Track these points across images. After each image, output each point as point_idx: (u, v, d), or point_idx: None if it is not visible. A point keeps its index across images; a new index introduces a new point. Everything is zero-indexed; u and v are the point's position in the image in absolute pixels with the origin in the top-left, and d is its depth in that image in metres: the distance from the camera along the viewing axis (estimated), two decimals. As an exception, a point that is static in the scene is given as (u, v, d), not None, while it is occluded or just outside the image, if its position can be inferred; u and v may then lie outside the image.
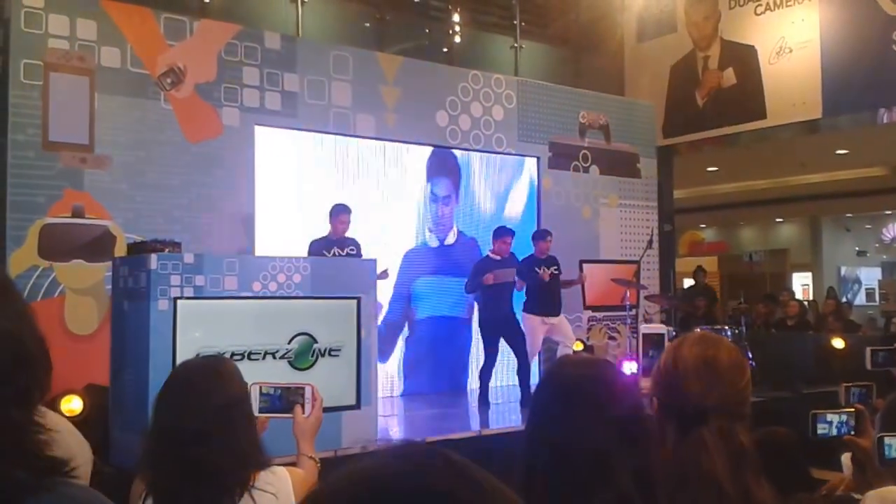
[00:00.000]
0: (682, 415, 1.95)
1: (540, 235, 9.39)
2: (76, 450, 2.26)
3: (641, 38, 13.01)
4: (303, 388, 2.72)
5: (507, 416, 8.52)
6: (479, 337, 9.33)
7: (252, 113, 8.80)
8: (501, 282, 8.85)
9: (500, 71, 11.27)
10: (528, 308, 9.35)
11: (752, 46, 11.81)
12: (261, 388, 2.65)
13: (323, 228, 8.24)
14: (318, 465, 2.67)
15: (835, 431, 2.90)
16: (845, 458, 2.99)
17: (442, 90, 10.26)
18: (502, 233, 9.11)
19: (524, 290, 9.28)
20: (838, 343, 10.32)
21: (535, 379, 9.59)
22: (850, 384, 3.58)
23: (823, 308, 12.88)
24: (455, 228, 10.47)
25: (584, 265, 11.21)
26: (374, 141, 9.74)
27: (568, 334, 9.52)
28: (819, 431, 2.91)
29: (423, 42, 11.70)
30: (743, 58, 11.90)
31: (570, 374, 1.86)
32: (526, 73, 11.91)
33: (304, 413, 2.69)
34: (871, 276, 22.31)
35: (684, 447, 1.92)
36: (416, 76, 10.07)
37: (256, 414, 2.54)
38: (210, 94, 8.57)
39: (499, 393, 9.42)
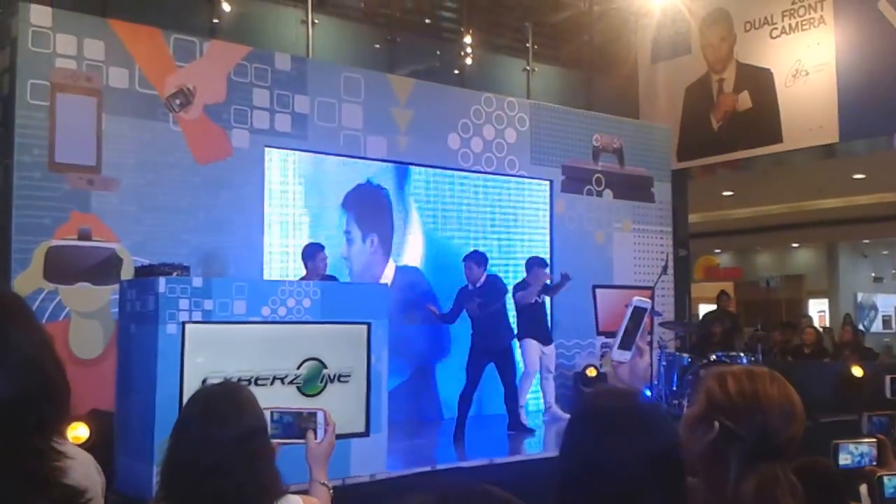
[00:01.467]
0: (756, 448, 1.88)
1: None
2: (91, 479, 2.19)
3: (656, 59, 12.93)
4: (315, 414, 2.66)
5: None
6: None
7: (262, 135, 8.71)
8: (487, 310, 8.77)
9: (511, 94, 11.17)
10: (527, 334, 9.31)
11: (768, 69, 11.73)
12: (272, 413, 2.58)
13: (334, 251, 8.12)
14: (332, 491, 2.64)
15: (856, 462, 2.85)
16: (863, 489, 2.92)
17: (454, 113, 10.17)
18: (476, 259, 9.00)
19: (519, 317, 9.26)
20: (857, 371, 10.14)
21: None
22: (872, 413, 3.47)
23: (841, 336, 12.67)
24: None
25: (598, 290, 11.05)
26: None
27: (551, 367, 9.52)
28: (841, 462, 2.86)
29: (435, 64, 11.62)
30: (758, 81, 11.81)
31: (606, 407, 1.81)
32: (538, 96, 11.81)
33: (316, 439, 2.63)
34: (888, 302, 22.16)
35: (758, 482, 1.85)
36: (428, 98, 9.98)
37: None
38: (219, 116, 8.49)
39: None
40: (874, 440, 2.92)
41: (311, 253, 8.03)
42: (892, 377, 3.99)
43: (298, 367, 6.08)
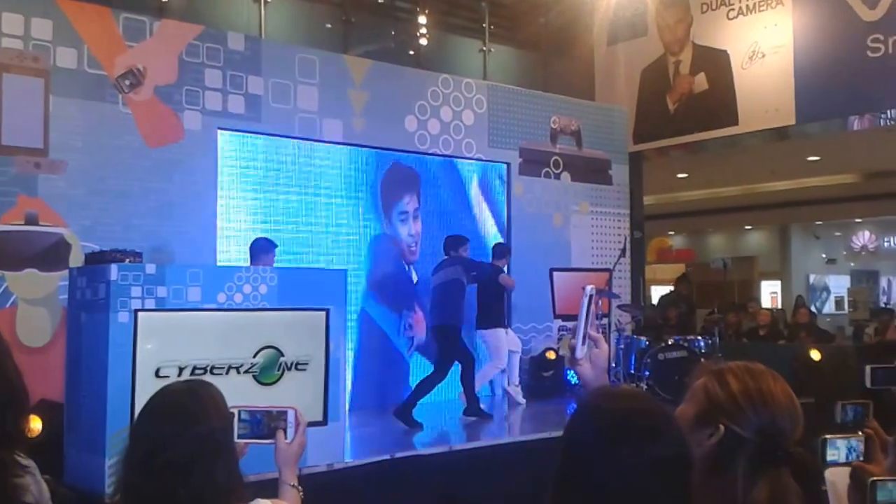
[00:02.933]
0: (764, 452, 1.80)
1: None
2: (43, 496, 2.10)
3: (612, 40, 12.85)
4: (285, 412, 2.54)
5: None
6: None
7: (214, 116, 8.53)
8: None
9: (467, 75, 11.04)
10: (495, 322, 9.23)
11: (725, 51, 11.69)
12: (240, 412, 2.48)
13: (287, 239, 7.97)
14: (302, 493, 2.54)
15: (844, 457, 2.80)
16: (828, 474, 2.87)
17: (411, 94, 10.04)
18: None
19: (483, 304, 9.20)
20: (815, 355, 10.21)
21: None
22: (845, 402, 3.43)
23: (797, 317, 12.75)
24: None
25: (555, 273, 11.00)
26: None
27: (516, 347, 9.55)
28: (828, 458, 2.80)
29: (390, 45, 11.46)
30: (715, 62, 11.77)
31: (610, 410, 1.69)
32: (495, 78, 11.71)
33: (287, 438, 2.53)
34: (839, 284, 22.44)
35: (769, 490, 1.79)
36: (384, 80, 9.83)
37: (235, 440, 2.39)
38: (171, 97, 8.29)
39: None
40: (862, 435, 2.87)
41: (264, 248, 7.77)
42: (872, 367, 3.93)
43: (255, 356, 5.98)
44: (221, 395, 2.34)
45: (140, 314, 5.54)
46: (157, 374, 5.53)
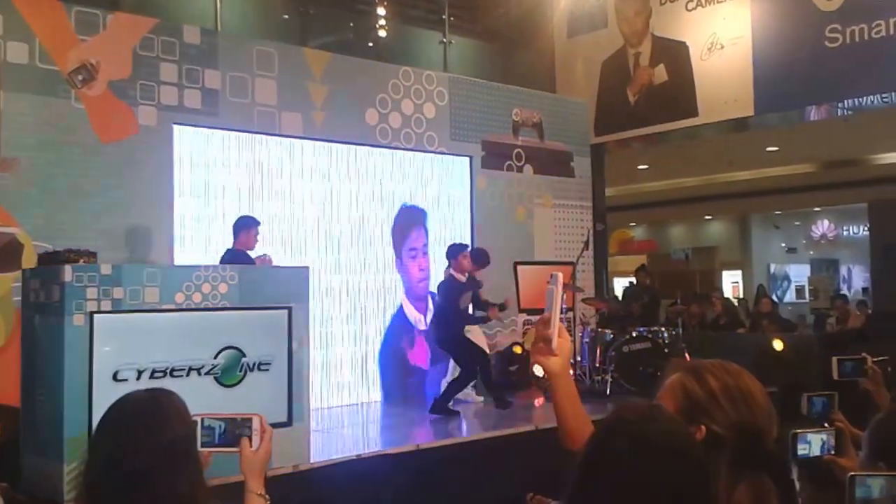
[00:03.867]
0: (745, 452, 1.76)
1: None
2: None
3: (572, 33, 12.80)
4: (250, 420, 2.48)
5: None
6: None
7: (170, 111, 8.35)
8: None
9: (428, 67, 10.93)
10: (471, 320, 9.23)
11: (684, 42, 11.69)
12: (203, 420, 2.43)
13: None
14: (269, 502, 2.49)
15: (816, 451, 2.76)
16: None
17: (371, 87, 9.91)
18: (460, 249, 8.92)
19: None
20: (778, 345, 10.25)
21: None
22: (811, 394, 3.39)
23: (760, 307, 12.82)
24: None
25: (519, 267, 10.94)
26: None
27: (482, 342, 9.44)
28: (799, 452, 2.76)
29: (348, 36, 11.31)
30: (674, 54, 11.76)
31: (634, 425, 1.60)
32: (455, 70, 11.61)
33: (252, 446, 2.46)
34: (800, 272, 22.65)
35: (752, 493, 1.74)
36: (344, 72, 9.69)
37: (199, 449, 2.36)
38: (125, 92, 8.10)
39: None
40: (832, 429, 2.84)
41: (246, 224, 7.79)
42: (839, 358, 3.90)
43: (216, 357, 5.90)
44: (184, 404, 2.29)
45: (96, 316, 5.42)
46: (115, 378, 5.43)
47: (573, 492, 1.58)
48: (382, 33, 11.37)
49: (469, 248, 9.10)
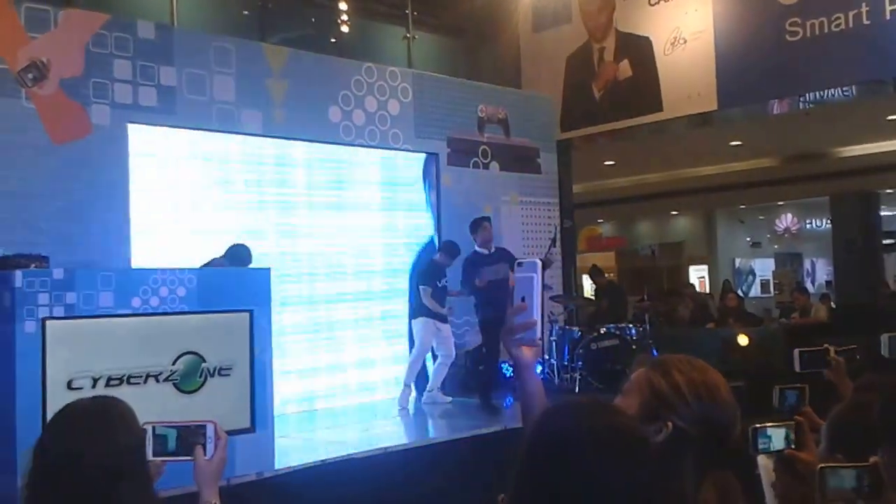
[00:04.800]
0: (711, 449, 1.73)
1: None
2: None
3: (537, 28, 12.71)
4: (204, 427, 2.36)
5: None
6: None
7: (125, 110, 8.11)
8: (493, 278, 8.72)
9: (391, 63, 10.78)
10: (423, 312, 9.14)
11: (647, 37, 11.65)
12: (154, 428, 2.31)
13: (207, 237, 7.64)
14: None
15: (777, 445, 2.68)
16: (761, 459, 2.83)
17: (334, 83, 9.73)
18: (481, 220, 9.09)
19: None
20: (742, 340, 10.24)
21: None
22: (783, 386, 3.32)
23: (726, 302, 12.82)
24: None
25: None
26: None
27: (449, 349, 9.33)
28: (760, 447, 2.68)
29: (309, 32, 11.12)
30: (638, 49, 11.72)
31: (578, 428, 1.50)
32: (420, 66, 11.48)
33: (206, 455, 2.34)
34: (765, 267, 22.83)
35: (718, 491, 1.71)
36: (304, 68, 9.51)
37: (150, 458, 2.26)
38: (77, 91, 7.87)
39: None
40: (791, 422, 2.74)
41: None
42: (800, 350, 3.83)
43: (174, 363, 5.76)
44: (132, 412, 2.22)
45: (48, 323, 5.28)
46: (69, 387, 5.29)
47: (514, 493, 1.52)
48: (345, 29, 11.21)
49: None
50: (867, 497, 1.99)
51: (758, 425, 2.71)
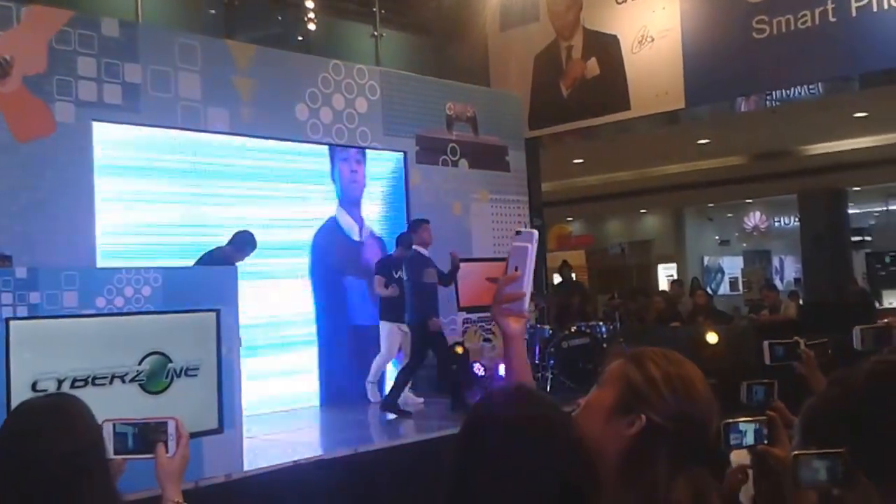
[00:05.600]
0: (687, 446, 1.68)
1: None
2: None
3: (505, 26, 12.68)
4: (165, 423, 2.30)
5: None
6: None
7: (89, 108, 7.99)
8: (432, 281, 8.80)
9: (359, 61, 10.70)
10: (384, 316, 9.14)
11: (615, 36, 11.66)
12: (114, 425, 2.25)
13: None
14: None
15: (749, 441, 2.68)
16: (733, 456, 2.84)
17: (300, 81, 9.65)
18: (423, 221, 9.04)
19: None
20: (711, 338, 10.26)
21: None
22: (751, 382, 3.30)
23: (695, 299, 12.86)
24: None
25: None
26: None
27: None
28: (732, 442, 2.66)
29: (276, 30, 11.03)
30: (606, 47, 11.72)
31: (506, 417, 1.50)
32: (387, 64, 11.42)
33: (168, 452, 2.29)
34: (733, 264, 22.93)
35: (693, 490, 1.65)
36: (271, 66, 9.42)
37: (110, 456, 2.21)
38: (41, 88, 7.74)
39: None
40: (764, 417, 2.74)
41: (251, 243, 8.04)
42: (770, 342, 3.82)
43: (140, 363, 5.69)
44: (88, 409, 2.19)
45: (11, 323, 5.20)
46: (33, 388, 5.19)
47: (448, 489, 1.51)
48: (311, 27, 11.12)
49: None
50: (841, 485, 1.97)
51: (730, 420, 2.70)
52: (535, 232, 1.97)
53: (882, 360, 2.25)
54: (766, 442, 2.67)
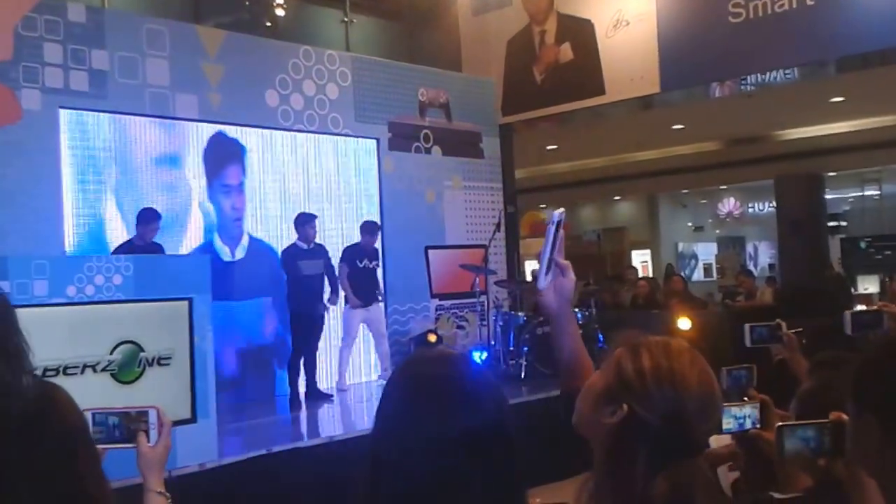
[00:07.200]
0: (668, 440, 1.58)
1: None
2: None
3: (477, 11, 12.58)
4: (146, 413, 2.26)
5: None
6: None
7: (56, 94, 7.90)
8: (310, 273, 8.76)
9: (329, 47, 10.60)
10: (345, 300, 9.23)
11: (589, 20, 11.57)
12: (94, 415, 2.24)
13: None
14: (169, 499, 2.28)
15: (740, 426, 2.73)
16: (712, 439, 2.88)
17: (270, 67, 9.55)
18: (307, 219, 8.90)
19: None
20: (684, 324, 10.23)
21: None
22: (730, 367, 3.33)
23: (671, 285, 12.86)
24: (246, 235, 9.50)
25: (430, 252, 10.71)
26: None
27: (380, 329, 9.39)
28: (724, 427, 2.70)
29: (245, 15, 10.89)
30: (580, 32, 11.64)
31: (418, 375, 1.63)
32: (358, 50, 11.31)
33: (149, 441, 2.25)
34: (707, 251, 23.01)
35: (669, 487, 1.56)
36: (240, 52, 9.31)
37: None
38: (6, 75, 7.64)
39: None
40: (756, 402, 2.79)
41: (146, 219, 7.76)
42: (751, 325, 3.82)
43: (112, 352, 5.63)
44: (70, 397, 2.14)
45: (-21, 313, 5.01)
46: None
47: (372, 455, 1.58)
48: (280, 12, 10.99)
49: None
50: (828, 456, 1.91)
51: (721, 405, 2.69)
52: (556, 211, 1.99)
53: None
54: (757, 426, 2.71)
